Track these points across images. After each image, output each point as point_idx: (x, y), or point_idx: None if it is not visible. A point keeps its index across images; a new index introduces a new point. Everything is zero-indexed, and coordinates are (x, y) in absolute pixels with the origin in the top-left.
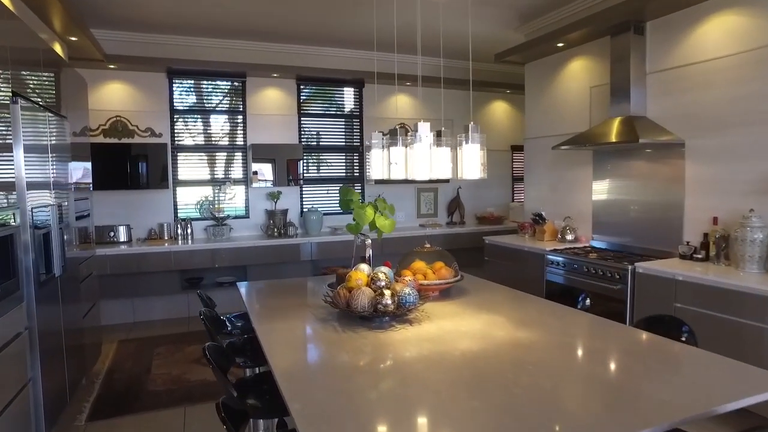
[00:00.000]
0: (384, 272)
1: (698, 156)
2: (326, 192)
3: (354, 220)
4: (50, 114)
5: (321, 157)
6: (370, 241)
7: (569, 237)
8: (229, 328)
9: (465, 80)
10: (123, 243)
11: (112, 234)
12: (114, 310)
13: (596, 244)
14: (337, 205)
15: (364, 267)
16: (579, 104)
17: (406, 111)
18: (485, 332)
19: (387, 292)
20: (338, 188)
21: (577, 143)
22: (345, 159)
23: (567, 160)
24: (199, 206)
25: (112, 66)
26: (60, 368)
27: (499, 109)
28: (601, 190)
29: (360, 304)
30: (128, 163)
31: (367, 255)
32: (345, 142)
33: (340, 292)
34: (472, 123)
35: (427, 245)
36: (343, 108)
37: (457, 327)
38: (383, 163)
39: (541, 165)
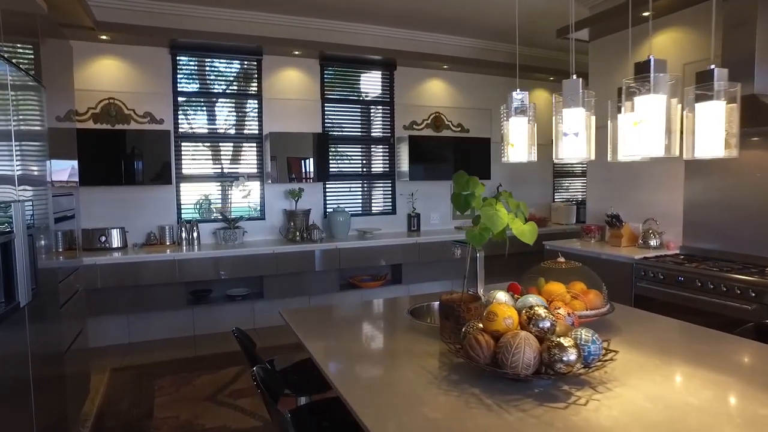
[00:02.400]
0: (543, 306)
1: None
2: (349, 189)
3: (475, 223)
4: (17, 87)
5: (344, 150)
6: (481, 254)
7: (653, 243)
8: (290, 391)
9: (504, 64)
10: (117, 249)
11: (103, 239)
12: (105, 328)
13: (690, 252)
14: (362, 204)
15: (504, 296)
16: None
17: (441, 98)
18: (742, 409)
19: (568, 342)
20: (361, 184)
21: None
22: (378, 151)
23: None
24: (198, 207)
25: (104, 37)
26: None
27: (540, 99)
28: (695, 187)
29: (523, 360)
30: (123, 154)
31: (478, 272)
32: (380, 132)
33: (481, 339)
34: (714, 66)
35: (561, 259)
36: (370, 93)
37: (677, 396)
38: (555, 134)
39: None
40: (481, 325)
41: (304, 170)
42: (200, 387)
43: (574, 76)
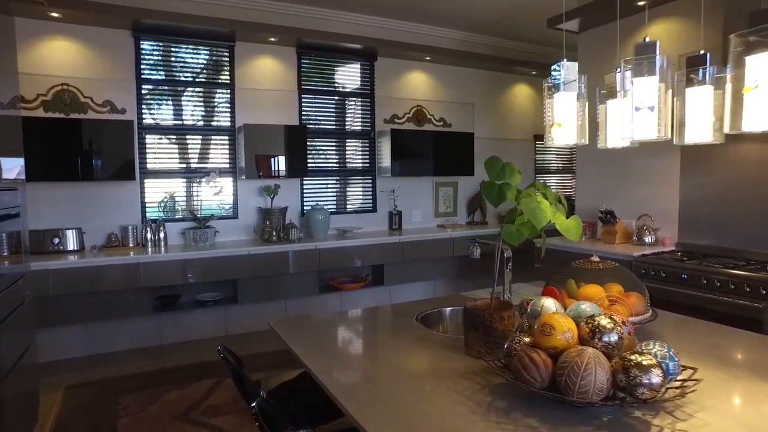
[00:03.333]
0: (605, 316)
1: None
2: (327, 186)
3: (510, 218)
4: None
5: (322, 144)
6: (509, 253)
7: (648, 239)
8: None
9: (489, 57)
10: (72, 252)
11: (56, 241)
12: (59, 340)
13: (687, 248)
14: (341, 201)
15: (553, 304)
16: None
17: (423, 91)
18: None
19: (648, 360)
20: (340, 181)
21: None
22: (357, 146)
23: (640, 148)
24: (162, 206)
25: (55, 14)
26: None
27: (522, 94)
28: (692, 182)
29: (595, 384)
30: (79, 146)
31: (506, 274)
32: (359, 125)
33: (537, 358)
34: None
35: (595, 258)
36: (350, 84)
37: None
38: (613, 112)
39: (599, 155)
40: (527, 339)
41: (279, 165)
42: (170, 404)
43: (649, 38)
